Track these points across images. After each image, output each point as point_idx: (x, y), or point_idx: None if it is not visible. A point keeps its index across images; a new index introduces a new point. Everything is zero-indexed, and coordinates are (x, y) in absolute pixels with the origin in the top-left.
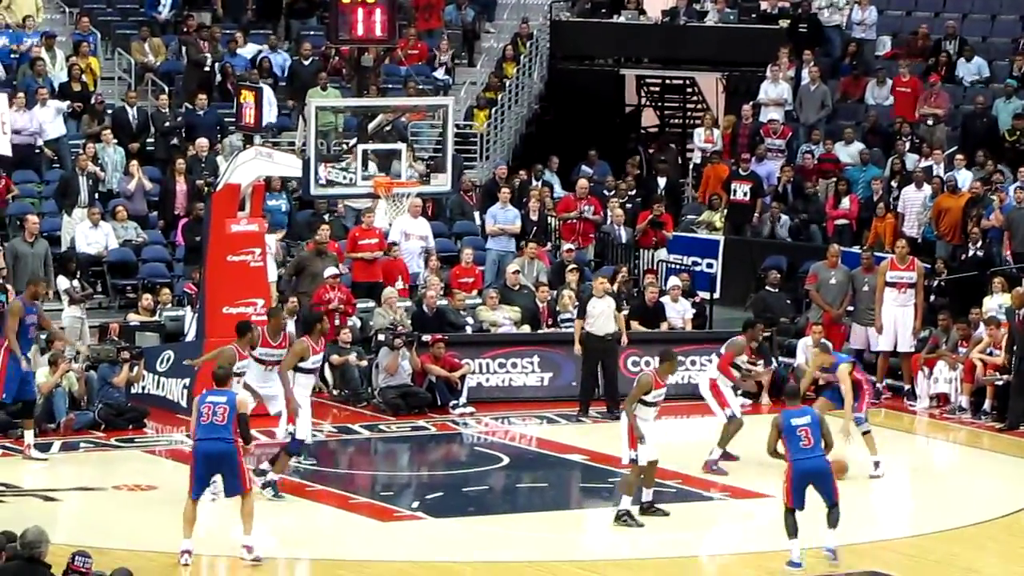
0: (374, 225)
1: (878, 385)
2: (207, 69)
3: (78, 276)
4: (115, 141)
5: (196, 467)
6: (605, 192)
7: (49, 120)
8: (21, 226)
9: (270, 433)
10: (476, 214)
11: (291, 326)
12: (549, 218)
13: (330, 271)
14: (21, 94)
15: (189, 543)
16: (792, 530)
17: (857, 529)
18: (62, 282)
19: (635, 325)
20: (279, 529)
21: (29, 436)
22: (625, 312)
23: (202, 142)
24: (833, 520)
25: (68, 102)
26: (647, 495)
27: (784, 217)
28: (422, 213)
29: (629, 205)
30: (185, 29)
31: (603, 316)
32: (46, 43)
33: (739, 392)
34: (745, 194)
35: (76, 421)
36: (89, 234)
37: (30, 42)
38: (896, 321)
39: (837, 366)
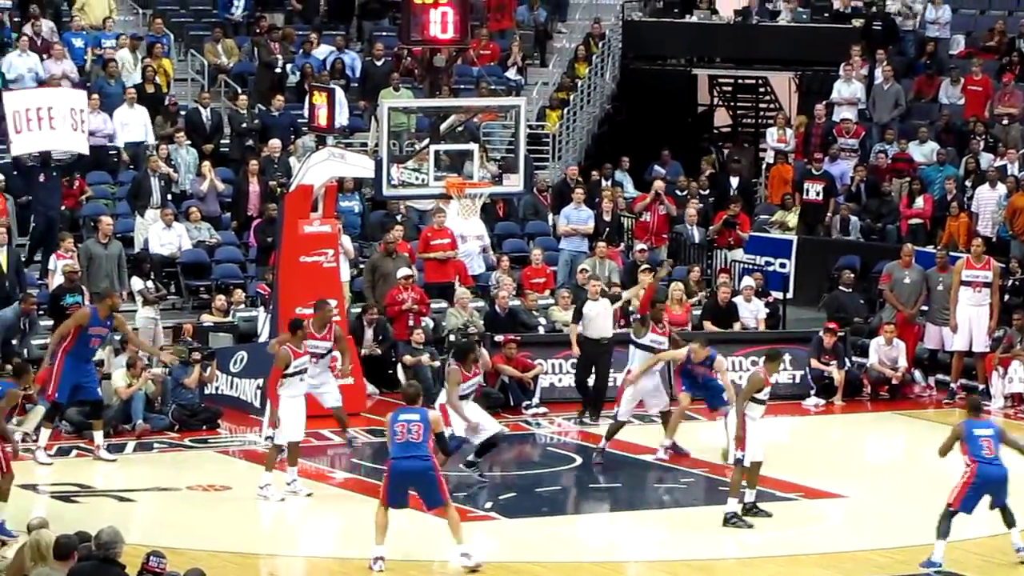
0: (446, 225)
1: (952, 385)
2: (278, 70)
3: (152, 277)
4: (188, 142)
5: (391, 482)
6: (677, 192)
7: (139, 124)
8: (95, 227)
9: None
10: (550, 215)
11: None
12: (622, 218)
13: (403, 272)
14: (96, 96)
15: (381, 549)
16: (944, 532)
17: (930, 531)
18: (136, 283)
19: (708, 325)
20: (353, 529)
21: (99, 437)
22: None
23: (275, 143)
24: (1010, 519)
25: (161, 119)
26: (750, 496)
27: (854, 218)
28: (495, 214)
29: (701, 205)
30: (257, 30)
31: (600, 318)
32: (131, 43)
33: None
34: (818, 194)
35: (151, 426)
36: (162, 235)
37: (108, 44)
38: (971, 320)
39: (713, 359)
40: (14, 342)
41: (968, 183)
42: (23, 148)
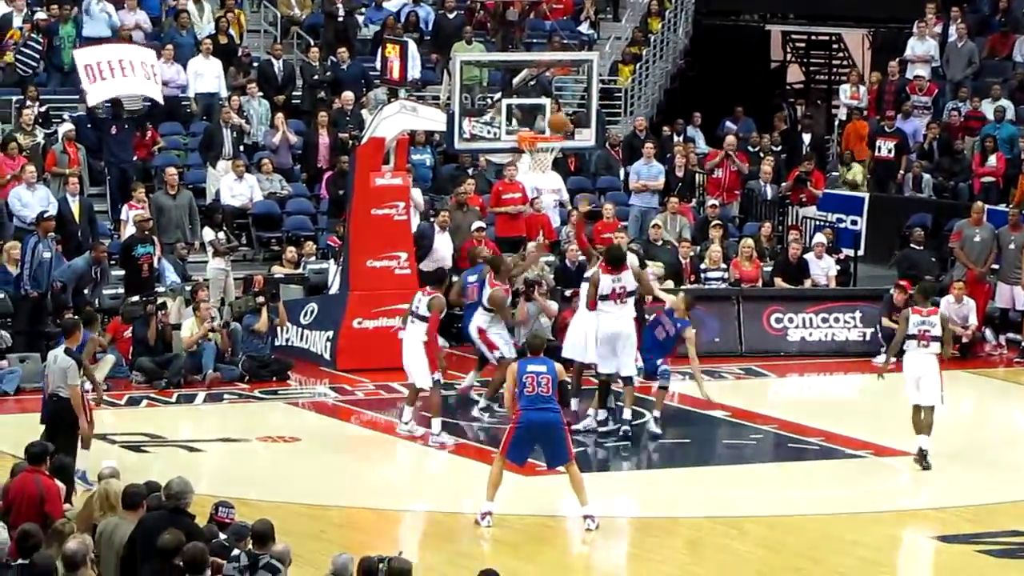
0: (517, 179)
1: (1023, 343)
2: (340, 20)
3: (223, 228)
4: (260, 94)
5: (517, 434)
6: (749, 148)
7: (213, 76)
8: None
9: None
10: (621, 169)
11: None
12: (694, 174)
13: (477, 224)
14: (169, 46)
15: (492, 505)
16: None
17: (1001, 489)
18: (207, 234)
19: (778, 281)
20: (421, 481)
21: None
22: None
23: (347, 95)
24: None
25: (233, 70)
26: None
27: (926, 176)
28: (566, 168)
29: (773, 162)
30: None
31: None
32: None
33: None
34: (890, 151)
35: (223, 375)
36: (234, 186)
37: None
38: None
39: (685, 325)
40: (86, 291)
41: None
42: (99, 96)
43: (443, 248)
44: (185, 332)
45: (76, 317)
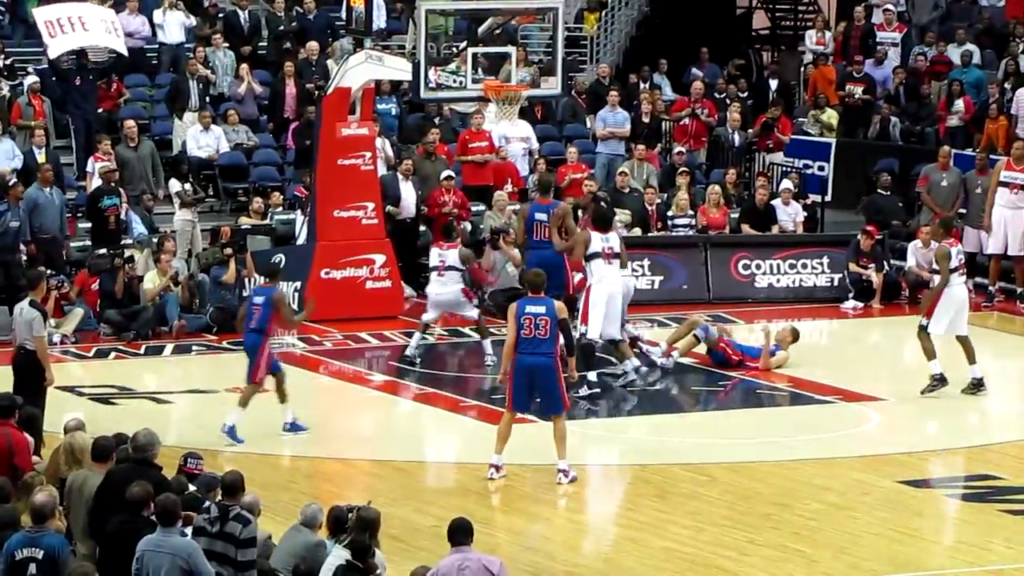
0: (484, 128)
1: (991, 288)
2: None
3: (190, 179)
4: (225, 45)
5: (516, 380)
6: (716, 95)
7: (175, 27)
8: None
9: None
10: (587, 117)
11: None
12: (660, 121)
13: (446, 173)
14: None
15: (499, 458)
16: None
17: (969, 434)
18: (174, 185)
19: (745, 228)
20: (389, 432)
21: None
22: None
23: (313, 45)
24: None
25: (194, 18)
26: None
27: (895, 119)
28: (532, 116)
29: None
30: None
31: None
32: None
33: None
34: (860, 95)
35: (188, 325)
36: (200, 138)
37: None
38: (1006, 223)
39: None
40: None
41: (1007, 85)
42: (60, 48)
43: (408, 197)
44: (147, 284)
45: (41, 269)
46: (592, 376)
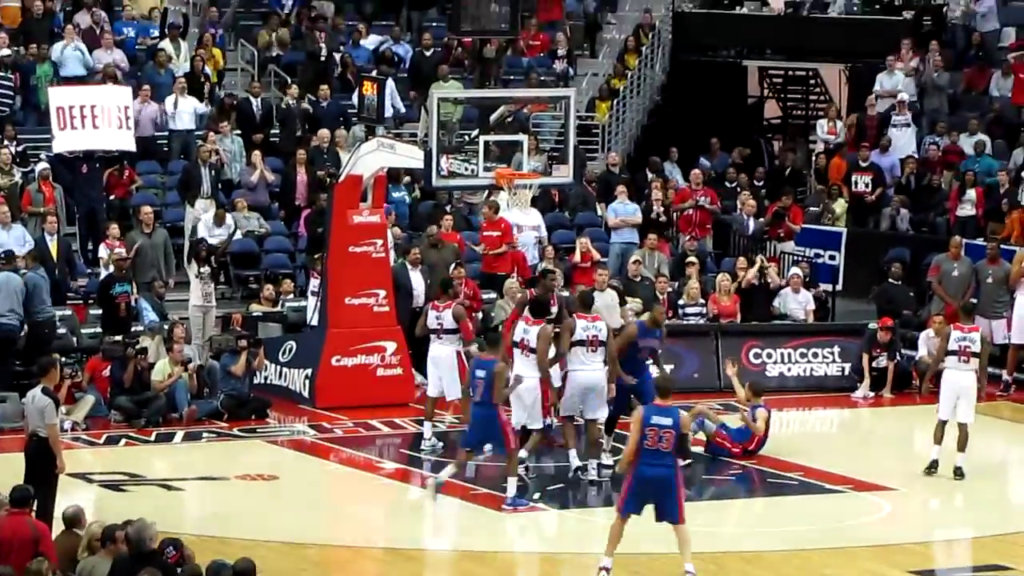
0: (500, 216)
1: (1006, 378)
2: (323, 59)
3: (210, 262)
4: (237, 132)
5: (632, 488)
6: (727, 184)
7: (186, 114)
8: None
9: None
10: (599, 205)
11: None
12: (671, 210)
13: (456, 272)
14: (147, 86)
15: (609, 561)
16: None
17: (980, 524)
18: (193, 268)
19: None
20: (401, 519)
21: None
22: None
23: (323, 133)
24: None
25: (207, 106)
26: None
27: (904, 210)
28: (549, 204)
29: (752, 198)
30: (305, 20)
31: (605, 310)
32: (171, 33)
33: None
34: (867, 185)
35: (199, 410)
36: (212, 228)
37: (155, 33)
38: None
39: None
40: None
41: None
42: (65, 146)
43: (417, 286)
44: (157, 375)
45: (53, 356)
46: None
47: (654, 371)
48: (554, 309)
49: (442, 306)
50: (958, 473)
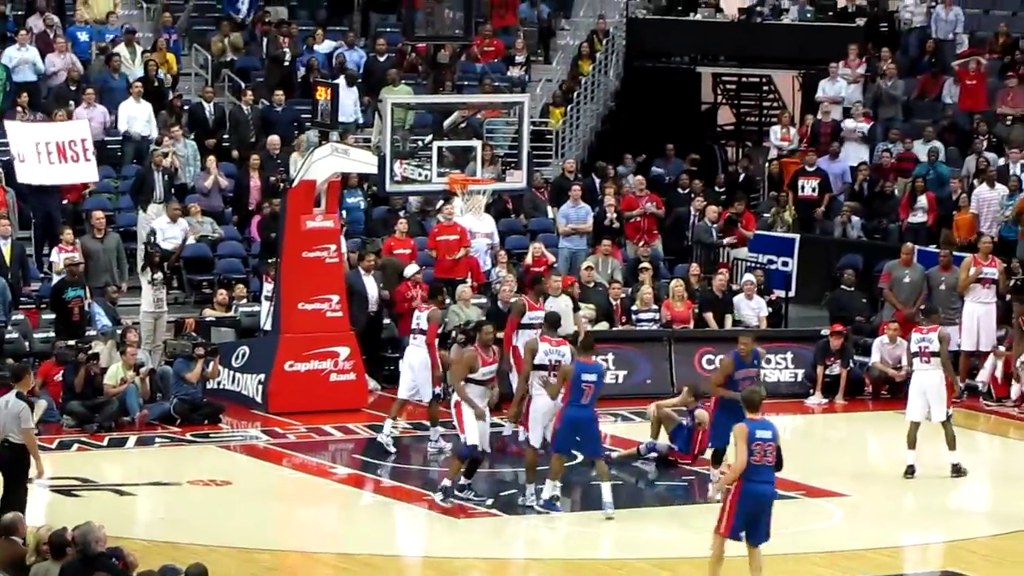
0: (455, 221)
1: (960, 385)
2: (286, 64)
3: (163, 267)
4: (192, 135)
5: (741, 507)
6: (679, 190)
7: (143, 118)
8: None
9: None
10: (549, 209)
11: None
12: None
13: (411, 269)
14: (91, 90)
15: None
16: None
17: (933, 530)
18: (147, 273)
19: (708, 317)
20: (354, 525)
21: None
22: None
23: (275, 139)
24: None
25: (164, 113)
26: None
27: (855, 218)
28: (502, 210)
29: (705, 202)
30: (263, 25)
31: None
32: (127, 38)
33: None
34: (813, 190)
35: (150, 413)
36: (166, 229)
37: (110, 38)
38: (979, 319)
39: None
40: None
41: (975, 182)
42: (28, 178)
43: (371, 292)
44: (109, 380)
45: (25, 361)
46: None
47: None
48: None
49: (424, 307)
50: (957, 471)
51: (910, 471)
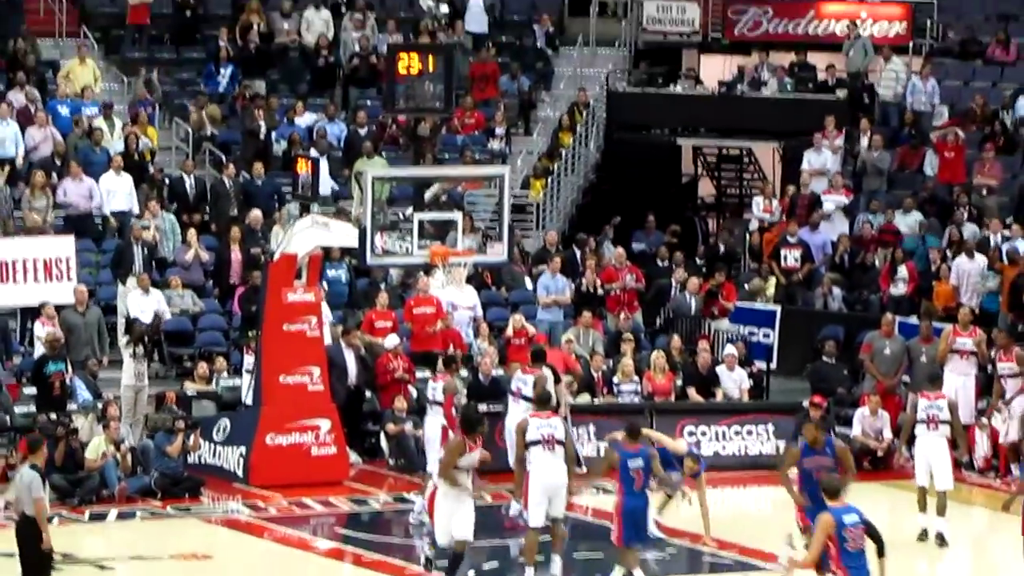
0: (431, 293)
1: (965, 457)
2: (261, 137)
3: (144, 341)
4: (173, 208)
5: None
6: (659, 262)
7: (124, 192)
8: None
9: None
10: (527, 280)
11: None
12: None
13: (391, 340)
14: (73, 163)
15: None
16: None
17: None
18: (128, 347)
19: (691, 392)
20: None
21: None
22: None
23: (256, 214)
24: None
25: (145, 187)
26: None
27: (836, 289)
28: (480, 283)
29: (686, 275)
30: (241, 99)
31: None
32: (105, 112)
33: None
34: (795, 260)
35: (129, 487)
36: (140, 301)
37: (89, 112)
38: (957, 391)
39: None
40: None
41: (949, 252)
42: (3, 300)
43: (351, 366)
44: (91, 453)
45: (40, 435)
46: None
47: None
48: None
49: (439, 376)
50: (939, 540)
51: (924, 535)
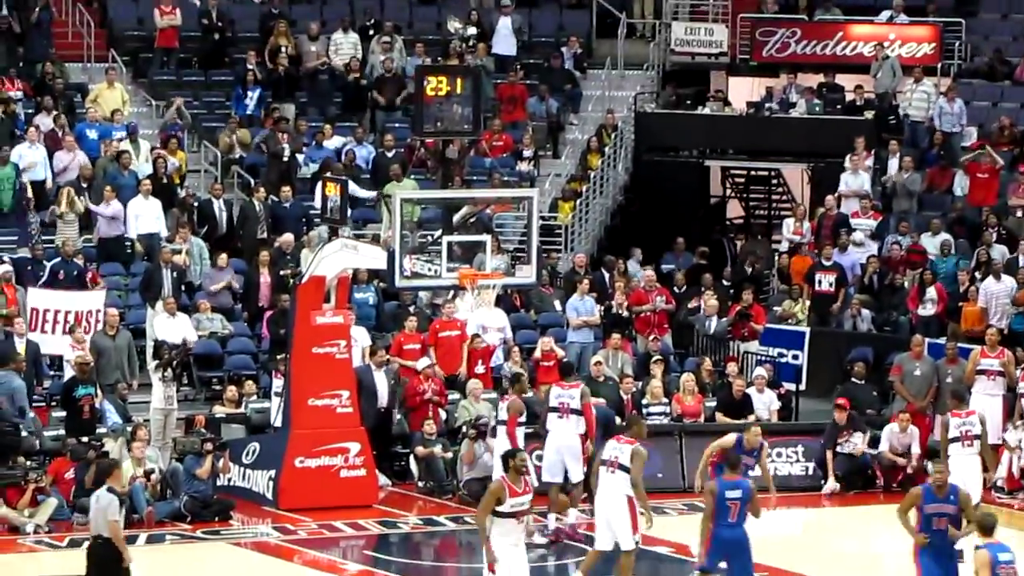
0: (456, 316)
1: (994, 474)
2: (286, 160)
3: (172, 365)
4: (203, 231)
5: None
6: (675, 289)
7: (152, 216)
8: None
9: None
10: (556, 303)
11: None
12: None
13: (423, 362)
14: (108, 188)
15: None
16: None
17: None
18: (158, 371)
19: (720, 416)
20: None
21: None
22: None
23: (288, 237)
24: None
25: (176, 210)
26: None
27: (865, 311)
28: (510, 305)
29: (714, 297)
30: (267, 121)
31: None
32: (130, 137)
33: None
34: (830, 284)
35: (158, 511)
36: (168, 325)
37: (118, 135)
38: (984, 412)
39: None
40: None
41: (978, 274)
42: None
43: (381, 387)
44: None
45: (113, 459)
46: None
47: None
48: None
49: (507, 397)
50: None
51: (960, 555)
